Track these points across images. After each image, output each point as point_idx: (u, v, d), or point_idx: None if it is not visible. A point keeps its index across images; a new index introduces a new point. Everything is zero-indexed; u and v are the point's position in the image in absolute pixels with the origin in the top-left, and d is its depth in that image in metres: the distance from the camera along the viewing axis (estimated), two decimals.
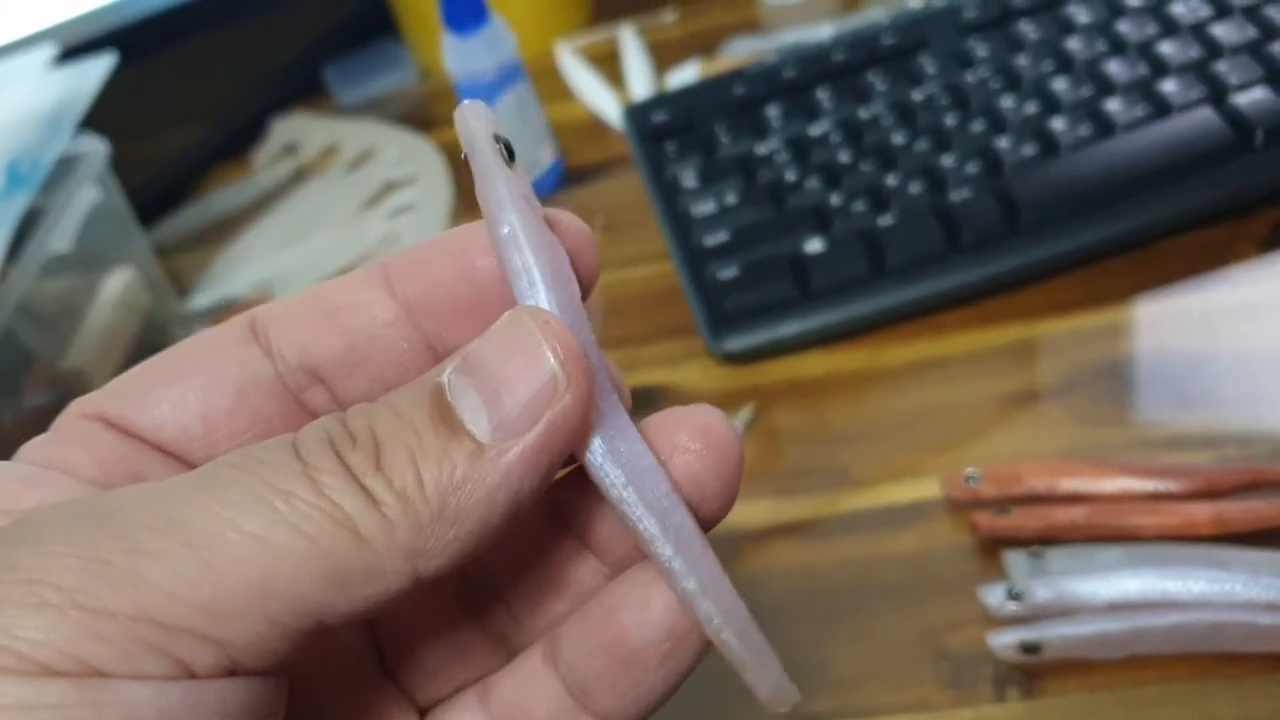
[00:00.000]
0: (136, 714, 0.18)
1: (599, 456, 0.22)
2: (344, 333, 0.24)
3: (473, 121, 0.24)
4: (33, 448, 0.24)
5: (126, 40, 0.79)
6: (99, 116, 0.69)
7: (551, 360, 0.21)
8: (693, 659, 0.24)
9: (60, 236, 0.65)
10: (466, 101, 0.25)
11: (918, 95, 0.64)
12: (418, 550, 0.20)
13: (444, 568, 0.21)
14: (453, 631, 0.26)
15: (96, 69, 0.70)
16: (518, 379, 0.21)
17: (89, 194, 0.68)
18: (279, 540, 0.19)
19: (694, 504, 0.23)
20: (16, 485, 0.22)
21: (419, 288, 0.24)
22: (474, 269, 0.24)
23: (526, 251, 0.23)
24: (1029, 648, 0.40)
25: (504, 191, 0.23)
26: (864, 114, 0.64)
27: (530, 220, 0.23)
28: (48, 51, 0.75)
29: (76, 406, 0.25)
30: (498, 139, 0.24)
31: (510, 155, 0.24)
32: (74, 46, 0.79)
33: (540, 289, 0.22)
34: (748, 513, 0.50)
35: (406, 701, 0.26)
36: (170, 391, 0.24)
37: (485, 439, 0.20)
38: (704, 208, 0.62)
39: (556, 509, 0.25)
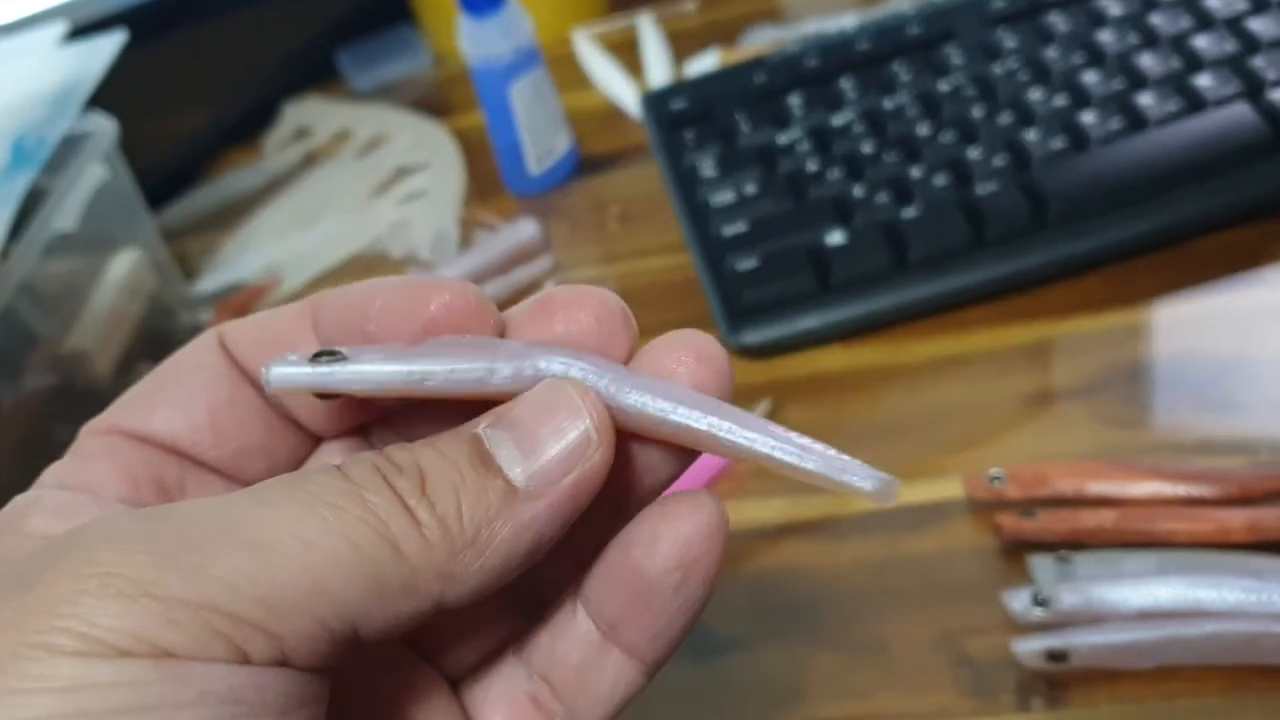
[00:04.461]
0: (209, 690, 0.20)
1: (628, 394, 0.24)
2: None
3: None
4: (54, 471, 0.26)
5: (138, 20, 0.78)
6: (109, 97, 0.68)
7: (589, 422, 0.23)
8: (705, 586, 0.25)
9: (65, 215, 0.64)
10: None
11: (943, 86, 0.63)
12: (448, 574, 0.22)
13: (465, 597, 0.23)
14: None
15: (106, 47, 0.69)
16: (555, 436, 0.23)
17: (95, 173, 0.67)
18: (330, 545, 0.21)
19: None
20: (46, 515, 0.24)
21: (331, 331, 0.26)
22: (373, 313, 0.25)
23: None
24: (1055, 656, 0.39)
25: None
26: (888, 104, 0.63)
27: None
28: (58, 29, 0.74)
29: (89, 428, 0.26)
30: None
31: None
32: (84, 25, 0.77)
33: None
34: (762, 511, 0.49)
35: (434, 673, 0.27)
36: (173, 394, 0.26)
37: (520, 484, 0.23)
38: (723, 198, 0.61)
39: None
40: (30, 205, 0.60)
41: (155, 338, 0.69)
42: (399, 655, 0.27)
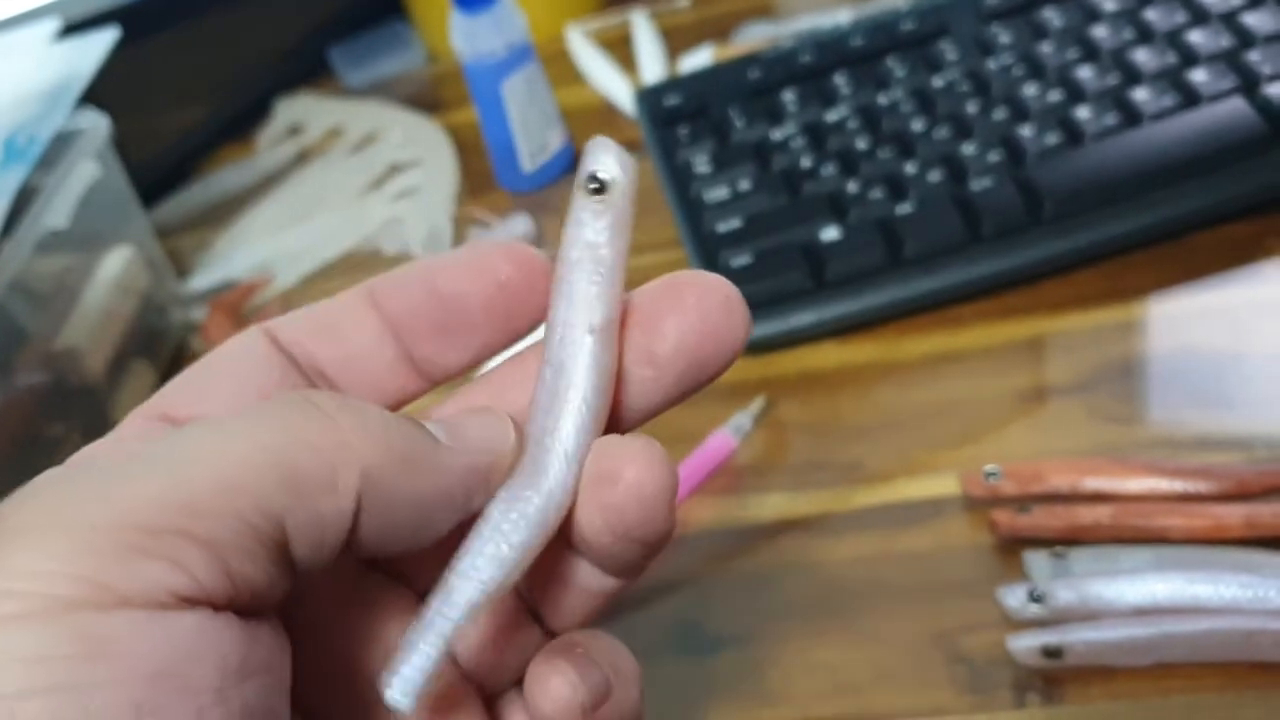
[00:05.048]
0: (132, 651, 0.19)
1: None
2: (341, 342, 0.27)
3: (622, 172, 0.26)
4: (91, 451, 0.26)
5: (131, 17, 0.78)
6: (102, 94, 0.68)
7: (512, 435, 0.25)
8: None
9: (57, 213, 0.63)
10: (608, 142, 0.26)
11: (938, 82, 0.62)
12: (368, 470, 0.22)
13: (383, 517, 0.23)
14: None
15: (99, 44, 0.68)
16: (478, 423, 0.25)
17: (88, 170, 0.67)
18: (242, 449, 0.21)
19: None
20: None
21: (397, 308, 0.26)
22: (439, 294, 0.26)
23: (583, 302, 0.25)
24: (1051, 652, 0.38)
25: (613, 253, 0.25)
26: (882, 100, 0.63)
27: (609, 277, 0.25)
28: (50, 26, 0.73)
29: (136, 413, 0.26)
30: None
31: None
32: (77, 22, 0.77)
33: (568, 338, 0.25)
34: (758, 507, 0.49)
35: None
36: (223, 381, 0.27)
37: (440, 437, 0.24)
38: (716, 194, 0.60)
39: None
40: (22, 202, 0.60)
41: (148, 335, 0.69)
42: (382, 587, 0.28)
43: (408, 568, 0.28)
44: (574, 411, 0.25)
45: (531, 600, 0.28)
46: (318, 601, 0.26)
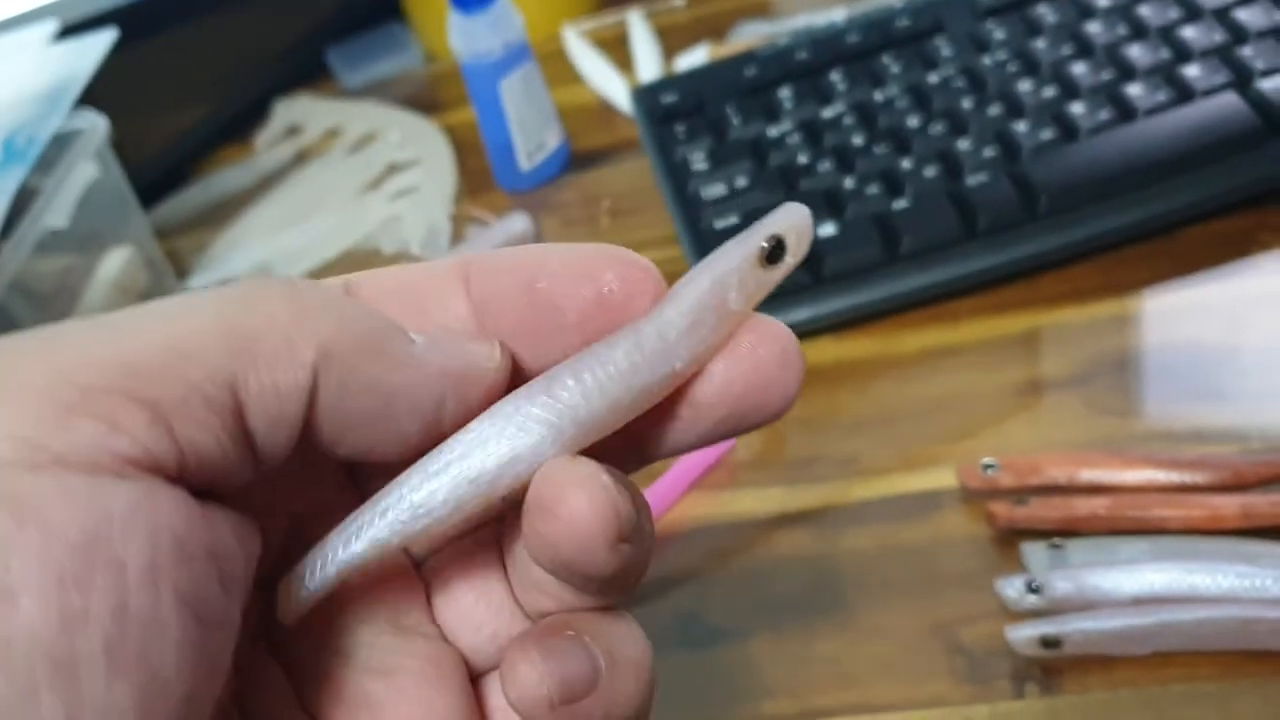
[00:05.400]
0: (60, 515, 0.18)
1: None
2: (424, 316, 0.25)
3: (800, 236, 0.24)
4: None
5: (129, 18, 0.78)
6: (101, 95, 0.68)
7: (497, 355, 0.23)
8: None
9: (57, 213, 0.64)
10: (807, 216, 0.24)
11: (933, 78, 0.63)
12: (325, 346, 0.21)
13: (337, 395, 0.21)
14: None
15: (97, 45, 0.69)
16: (460, 340, 0.23)
17: (87, 170, 0.67)
18: (195, 317, 0.21)
19: None
20: None
21: (488, 293, 0.24)
22: (534, 290, 0.24)
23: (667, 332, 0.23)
24: (1049, 642, 0.39)
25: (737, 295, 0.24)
26: (878, 97, 0.63)
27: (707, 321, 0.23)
28: (48, 27, 0.73)
29: None
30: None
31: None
32: (75, 23, 0.77)
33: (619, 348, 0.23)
34: (756, 501, 0.49)
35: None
36: None
37: (415, 341, 0.23)
38: (714, 190, 0.61)
39: None
40: (22, 203, 0.60)
41: None
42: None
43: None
44: (575, 393, 0.23)
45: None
46: (300, 508, 0.25)
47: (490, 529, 0.26)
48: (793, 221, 0.24)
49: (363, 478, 0.26)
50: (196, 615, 0.19)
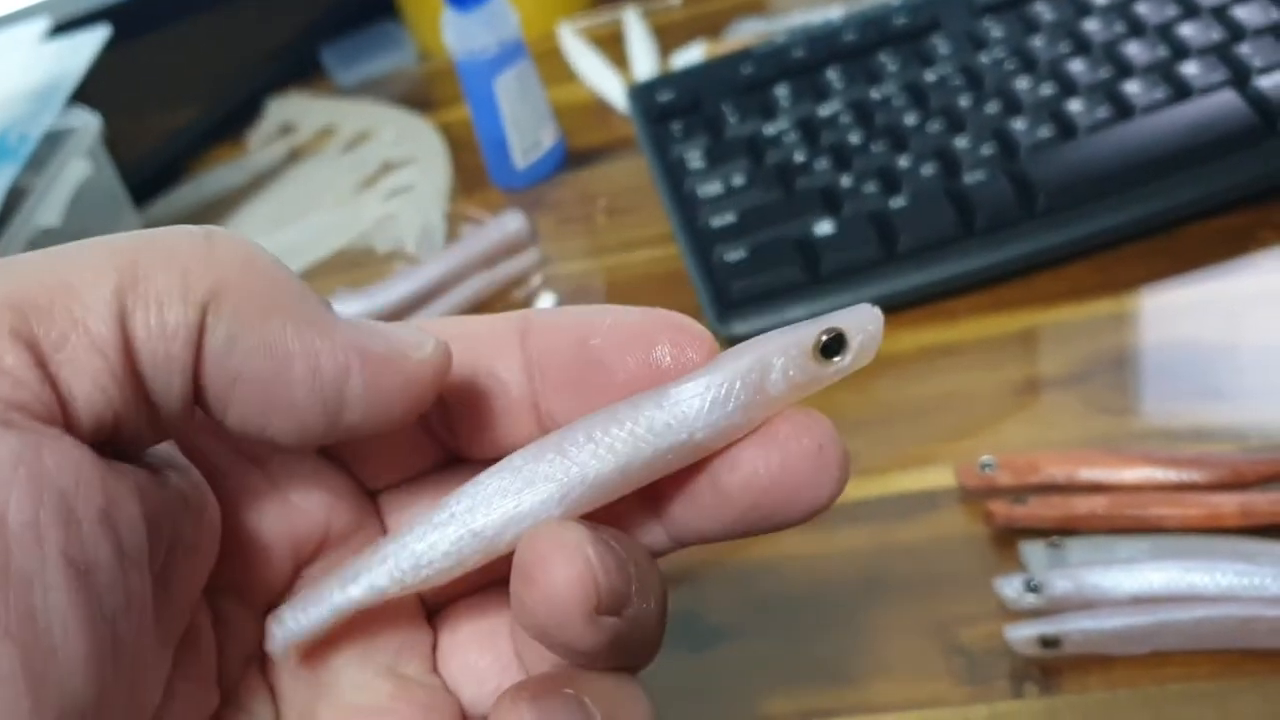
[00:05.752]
0: None
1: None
2: (479, 365, 0.24)
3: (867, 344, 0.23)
4: None
5: (121, 16, 0.77)
6: (93, 94, 0.68)
7: (430, 346, 0.22)
8: None
9: (49, 211, 0.63)
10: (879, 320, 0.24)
11: (930, 76, 0.63)
12: (220, 281, 0.20)
13: (243, 333, 0.20)
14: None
15: (89, 43, 0.68)
16: (393, 326, 0.22)
17: (79, 168, 0.67)
18: (84, 252, 0.20)
19: None
20: None
21: (543, 347, 0.24)
22: (587, 347, 0.23)
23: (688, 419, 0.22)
24: (1048, 641, 0.38)
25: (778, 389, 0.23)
26: (875, 95, 0.63)
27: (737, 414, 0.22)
28: (41, 25, 0.73)
29: None
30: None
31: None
32: (67, 21, 0.77)
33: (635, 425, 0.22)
34: None
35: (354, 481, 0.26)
36: None
37: (336, 312, 0.22)
38: (710, 189, 0.60)
39: None
40: (13, 201, 0.60)
41: None
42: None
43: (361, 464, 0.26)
44: (582, 465, 0.22)
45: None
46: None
47: (505, 582, 0.26)
48: (861, 320, 0.23)
49: (386, 505, 0.26)
50: (87, 579, 0.18)
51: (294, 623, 0.23)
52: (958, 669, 0.41)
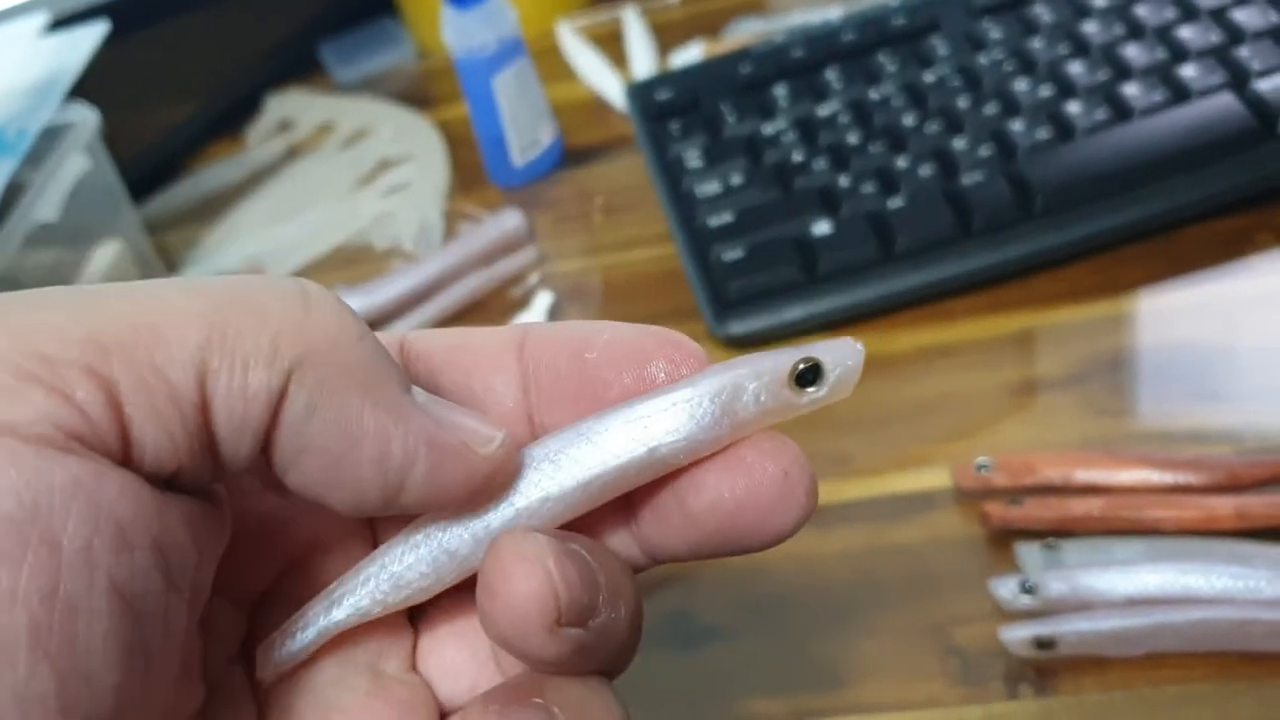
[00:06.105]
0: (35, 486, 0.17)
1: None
2: (472, 378, 0.25)
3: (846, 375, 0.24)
4: None
5: (120, 11, 0.77)
6: (92, 89, 0.68)
7: (494, 445, 0.22)
8: None
9: (47, 206, 0.63)
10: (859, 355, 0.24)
11: (929, 77, 0.63)
12: (309, 352, 0.20)
13: (305, 415, 0.20)
14: None
15: (88, 38, 0.68)
16: (467, 416, 0.22)
17: (77, 163, 0.67)
18: (175, 296, 0.19)
19: None
20: None
21: (539, 359, 0.24)
22: (583, 361, 0.24)
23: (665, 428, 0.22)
24: (1043, 643, 0.38)
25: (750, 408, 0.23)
26: (874, 95, 0.63)
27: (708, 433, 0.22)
28: (39, 20, 0.73)
29: None
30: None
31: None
32: (66, 16, 0.77)
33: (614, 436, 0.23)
34: None
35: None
36: None
37: (419, 397, 0.22)
38: (708, 188, 0.60)
39: None
40: (11, 196, 0.60)
41: None
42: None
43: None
44: (565, 479, 0.23)
45: None
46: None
47: None
48: (840, 354, 0.23)
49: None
50: (132, 608, 0.18)
51: (284, 650, 0.24)
52: (953, 670, 0.41)
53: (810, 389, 0.23)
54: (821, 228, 0.56)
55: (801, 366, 0.23)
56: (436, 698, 0.25)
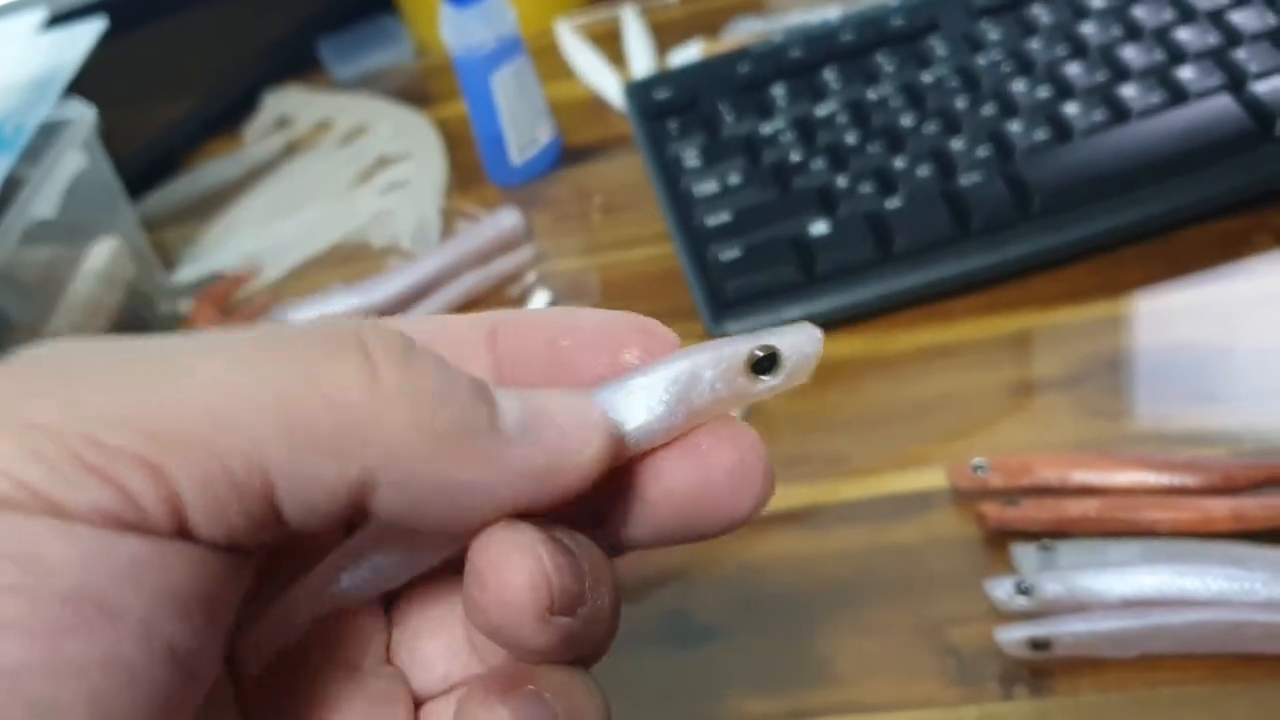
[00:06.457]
0: (52, 563, 0.17)
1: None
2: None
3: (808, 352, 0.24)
4: None
5: (118, 8, 0.77)
6: (89, 86, 0.67)
7: (597, 441, 0.21)
8: None
9: (44, 203, 0.63)
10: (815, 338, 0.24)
11: (927, 77, 0.63)
12: (389, 450, 0.19)
13: (394, 497, 0.20)
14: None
15: (85, 34, 0.68)
16: (563, 423, 0.21)
17: (74, 160, 0.67)
18: (241, 376, 0.19)
19: None
20: None
21: (513, 346, 0.24)
22: (556, 347, 0.24)
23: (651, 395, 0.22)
24: (1039, 644, 0.39)
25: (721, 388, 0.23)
26: (872, 95, 0.63)
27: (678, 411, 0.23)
28: (37, 16, 0.73)
29: None
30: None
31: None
32: (63, 12, 0.77)
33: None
34: None
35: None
36: None
37: (507, 427, 0.20)
38: (706, 188, 0.60)
39: None
40: (8, 192, 0.60)
41: (133, 327, 0.69)
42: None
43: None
44: None
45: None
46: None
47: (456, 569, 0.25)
48: (799, 342, 0.23)
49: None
50: (188, 669, 0.19)
51: (268, 643, 0.24)
52: (948, 670, 0.41)
53: (766, 377, 0.23)
54: (819, 228, 0.56)
55: (759, 355, 0.23)
56: (411, 689, 0.25)
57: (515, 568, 0.21)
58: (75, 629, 0.17)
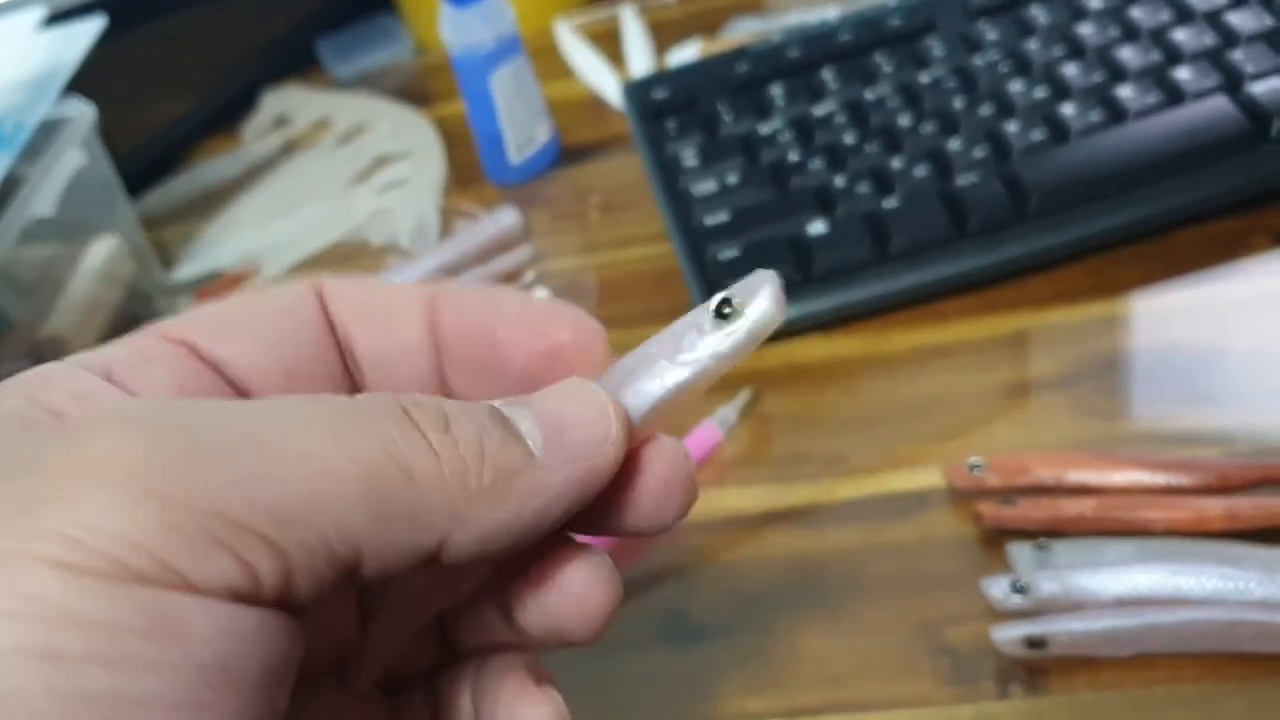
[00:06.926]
0: (195, 638, 0.18)
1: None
2: (385, 337, 0.27)
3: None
4: (102, 356, 0.24)
5: (117, 6, 0.77)
6: (88, 84, 0.68)
7: (615, 428, 0.23)
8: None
9: (43, 201, 0.63)
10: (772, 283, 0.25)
11: (925, 78, 0.63)
12: (458, 513, 0.21)
13: (465, 548, 0.22)
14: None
15: (85, 33, 0.68)
16: (578, 421, 0.23)
17: (74, 158, 0.67)
18: (336, 460, 0.20)
19: None
20: (68, 394, 0.23)
21: (452, 328, 0.26)
22: (493, 336, 0.26)
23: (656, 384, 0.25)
24: (1034, 643, 0.39)
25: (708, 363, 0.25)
26: (870, 95, 0.63)
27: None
28: (36, 14, 0.73)
29: (157, 330, 0.25)
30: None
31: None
32: (63, 10, 0.77)
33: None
34: (742, 499, 0.49)
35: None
36: (259, 329, 0.26)
37: (536, 452, 0.23)
38: (704, 187, 0.61)
39: None
40: (7, 190, 0.60)
41: (133, 325, 0.68)
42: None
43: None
44: None
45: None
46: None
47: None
48: (752, 282, 0.25)
49: None
50: None
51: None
52: (944, 669, 0.41)
53: (731, 320, 0.25)
54: (817, 227, 0.56)
55: (719, 303, 0.25)
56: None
57: (600, 586, 0.24)
58: (210, 703, 0.19)
